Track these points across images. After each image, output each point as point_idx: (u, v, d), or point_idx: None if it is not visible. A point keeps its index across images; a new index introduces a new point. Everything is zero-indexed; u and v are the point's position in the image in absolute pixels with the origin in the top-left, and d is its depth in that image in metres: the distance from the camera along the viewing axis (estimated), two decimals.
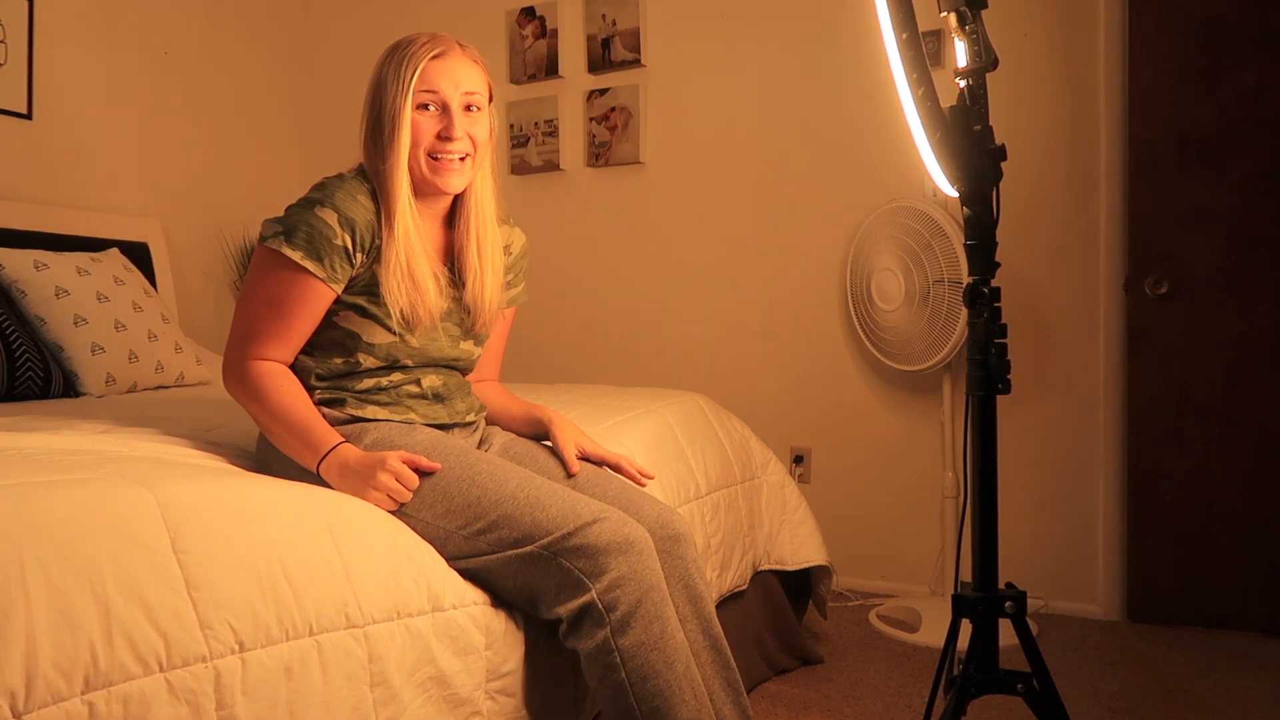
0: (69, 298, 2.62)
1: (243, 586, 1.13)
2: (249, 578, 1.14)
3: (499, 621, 1.41)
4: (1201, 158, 2.78)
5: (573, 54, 3.69)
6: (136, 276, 2.94)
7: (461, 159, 1.55)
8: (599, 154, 3.64)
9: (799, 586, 2.54)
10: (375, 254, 1.51)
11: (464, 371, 1.70)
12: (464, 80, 1.54)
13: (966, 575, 1.55)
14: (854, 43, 3.14)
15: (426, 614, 1.32)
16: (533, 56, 3.74)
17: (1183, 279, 2.80)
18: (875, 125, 3.12)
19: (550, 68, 3.72)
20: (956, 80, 1.50)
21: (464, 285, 1.62)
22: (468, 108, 1.55)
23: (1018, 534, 2.95)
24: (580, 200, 3.72)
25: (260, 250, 1.50)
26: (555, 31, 3.71)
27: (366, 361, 1.54)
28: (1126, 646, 2.65)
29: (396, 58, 1.52)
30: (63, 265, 2.68)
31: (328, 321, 1.54)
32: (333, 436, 1.47)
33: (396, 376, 1.57)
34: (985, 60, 1.47)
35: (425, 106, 1.52)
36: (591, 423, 2.02)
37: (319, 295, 1.49)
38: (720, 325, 3.47)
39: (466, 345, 1.65)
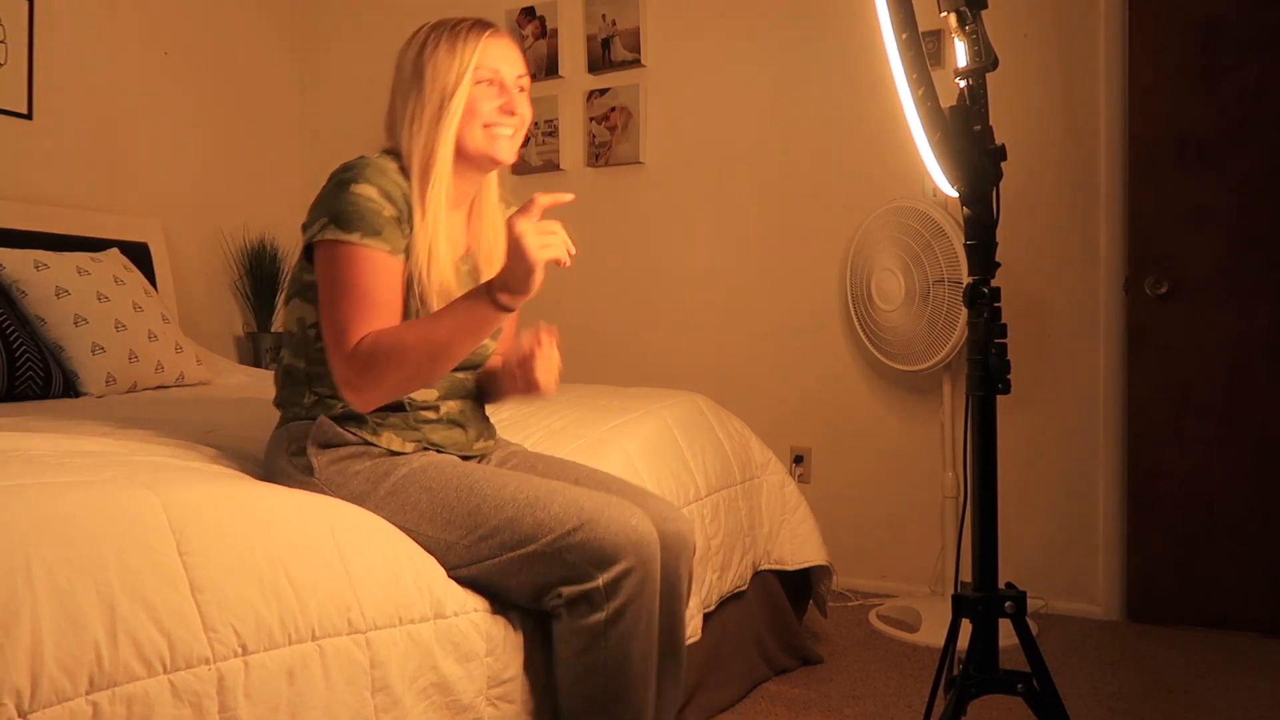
0: (69, 298, 2.62)
1: (246, 589, 1.13)
2: (253, 581, 1.14)
3: (500, 628, 1.41)
4: (1201, 158, 2.78)
5: (573, 54, 3.69)
6: (136, 276, 2.95)
7: (513, 132, 1.57)
8: (599, 154, 3.65)
9: (799, 586, 2.54)
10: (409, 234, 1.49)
11: (476, 368, 1.67)
12: (517, 62, 1.57)
13: (966, 575, 1.55)
14: (854, 43, 3.14)
15: (429, 620, 1.33)
16: (533, 56, 3.74)
17: (1183, 279, 2.80)
18: (875, 125, 3.12)
19: (550, 68, 3.72)
20: (956, 80, 1.50)
21: (480, 276, 1.60)
22: (519, 89, 1.57)
23: (1018, 534, 2.95)
24: (580, 200, 3.67)
25: (318, 252, 1.45)
26: (555, 31, 3.71)
27: None
28: (1126, 646, 2.65)
29: (449, 36, 1.52)
30: (63, 265, 2.68)
31: None
32: (474, 292, 1.38)
33: (417, 395, 1.54)
34: (985, 60, 1.47)
35: (482, 82, 1.52)
36: (591, 424, 2.02)
37: (389, 268, 1.44)
38: (720, 325, 3.48)
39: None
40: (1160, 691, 2.30)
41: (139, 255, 3.24)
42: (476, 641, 1.37)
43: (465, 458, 1.60)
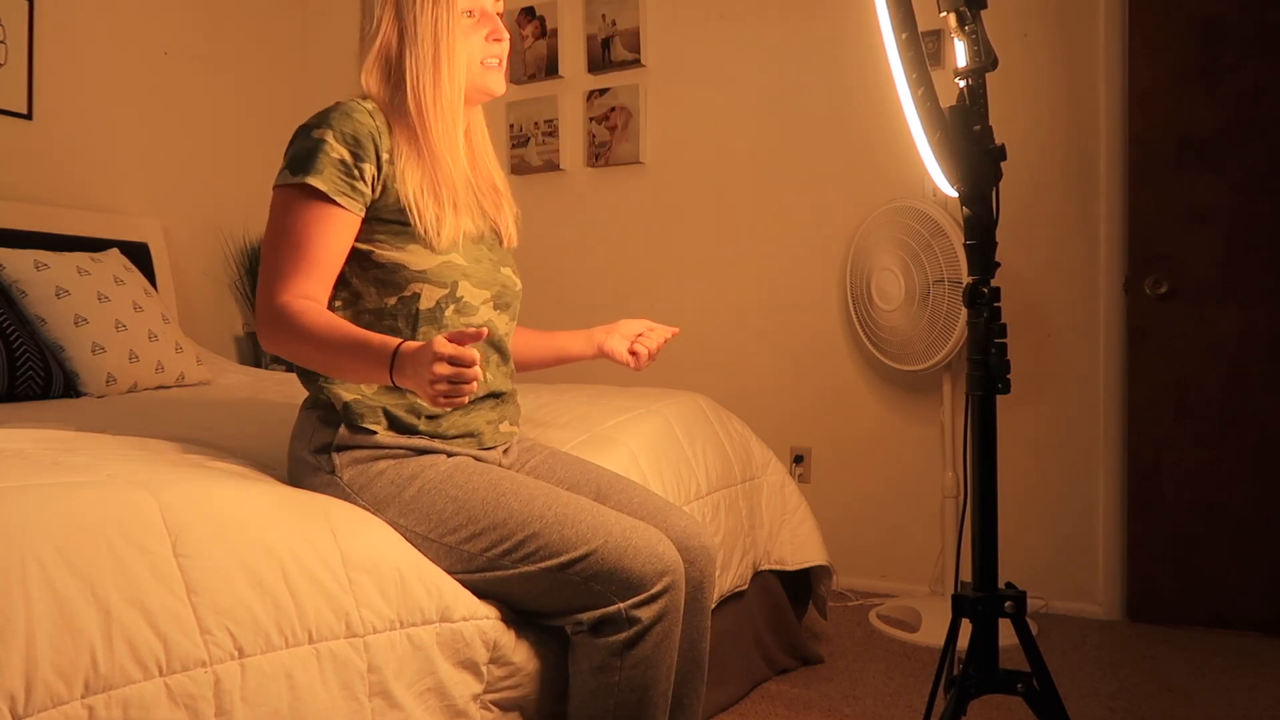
0: (69, 298, 2.62)
1: (243, 592, 1.13)
2: (249, 583, 1.14)
3: (508, 638, 1.40)
4: (1201, 158, 2.78)
5: (573, 54, 3.69)
6: (136, 276, 2.94)
7: (499, 61, 1.56)
8: (599, 154, 3.64)
9: (799, 586, 2.54)
10: (392, 172, 1.46)
11: (510, 308, 1.63)
12: None
13: (966, 575, 1.55)
14: (854, 43, 3.14)
15: (433, 624, 1.32)
16: (533, 56, 3.74)
17: (1182, 279, 2.80)
18: (875, 125, 3.11)
19: (550, 68, 3.72)
20: (956, 80, 1.50)
21: (481, 208, 1.59)
22: (497, 13, 1.57)
23: (1018, 534, 2.95)
24: (580, 200, 3.72)
25: (274, 193, 1.45)
26: (555, 31, 3.71)
27: (426, 295, 1.47)
28: (1126, 646, 2.65)
29: None
30: (63, 265, 2.68)
31: (369, 262, 1.46)
32: (392, 340, 1.32)
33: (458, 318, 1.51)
34: (985, 60, 1.47)
35: (464, 13, 1.51)
36: (594, 421, 2.02)
37: (331, 217, 1.41)
38: (720, 325, 3.47)
39: (506, 271, 1.60)
40: (1160, 691, 2.30)
41: (139, 255, 3.24)
42: (479, 648, 1.36)
43: (486, 448, 1.56)
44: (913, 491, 3.14)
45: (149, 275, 3.28)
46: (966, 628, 1.50)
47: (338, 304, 1.48)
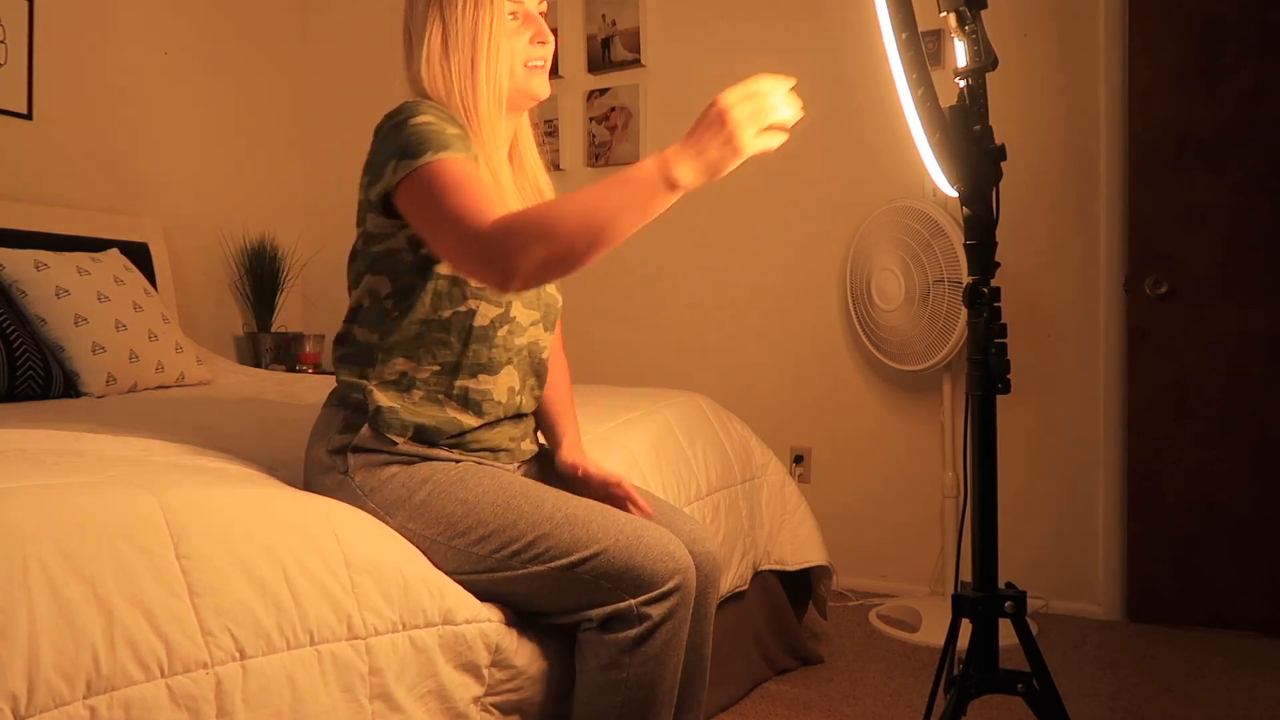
0: (69, 298, 2.62)
1: (245, 593, 1.13)
2: (251, 585, 1.14)
3: (510, 640, 1.40)
4: (1201, 158, 2.78)
5: (573, 54, 3.69)
6: (136, 276, 2.94)
7: (543, 64, 1.52)
8: (599, 154, 3.64)
9: (799, 586, 2.54)
10: None
11: (553, 326, 1.59)
12: None
13: (966, 575, 1.55)
14: (854, 43, 3.14)
15: (435, 626, 1.31)
16: None
17: (1182, 279, 2.80)
18: (875, 125, 3.11)
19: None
20: (956, 80, 1.50)
21: None
22: (541, 14, 1.52)
23: (1018, 534, 2.95)
24: None
25: (400, 193, 1.34)
26: (555, 31, 3.70)
27: (481, 311, 1.43)
28: (1126, 646, 2.65)
29: None
30: (63, 265, 2.68)
31: (432, 273, 1.41)
32: (649, 159, 1.19)
33: (501, 338, 1.46)
34: (985, 60, 1.47)
35: (508, 15, 1.46)
36: (593, 423, 2.02)
37: (477, 170, 1.35)
38: (720, 325, 3.47)
39: (550, 289, 1.57)
40: (1160, 691, 2.30)
41: (139, 255, 3.24)
42: (481, 651, 1.36)
43: (502, 451, 1.54)
44: (913, 491, 3.14)
45: (149, 275, 3.28)
46: (966, 628, 1.50)
47: (389, 306, 1.44)
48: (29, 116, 3.15)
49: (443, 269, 1.42)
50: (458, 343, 1.44)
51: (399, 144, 1.34)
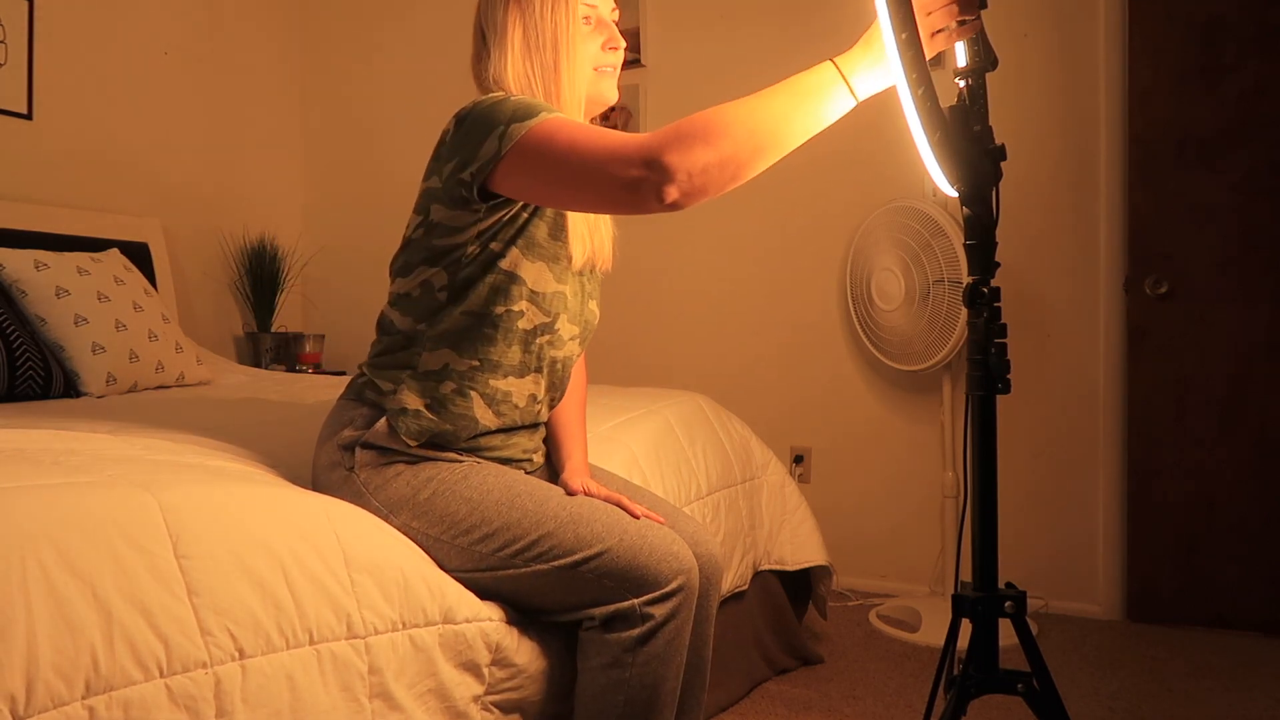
0: (69, 298, 2.62)
1: (243, 593, 1.12)
2: (250, 584, 1.13)
3: (511, 639, 1.40)
4: (1201, 158, 2.78)
5: None
6: (136, 276, 2.94)
7: (614, 69, 1.51)
8: None
9: (799, 586, 2.54)
10: None
11: (582, 340, 1.58)
12: None
13: (966, 575, 1.55)
14: (854, 43, 3.13)
15: (435, 625, 1.31)
16: None
17: (1182, 278, 2.80)
18: (875, 125, 3.11)
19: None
20: (956, 80, 1.50)
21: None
22: (614, 21, 1.52)
23: (1018, 534, 2.95)
24: None
25: (510, 157, 1.28)
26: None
27: (529, 315, 1.43)
28: (1126, 646, 2.65)
29: None
30: (63, 265, 2.68)
31: (494, 267, 1.40)
32: (813, 70, 1.17)
33: (536, 347, 1.46)
34: (985, 60, 1.47)
35: (583, 20, 1.46)
36: (594, 423, 2.02)
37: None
38: (720, 325, 3.47)
39: (592, 305, 1.57)
40: (1160, 691, 2.30)
41: (139, 255, 3.25)
42: (481, 650, 1.36)
43: (515, 462, 1.54)
44: (913, 491, 3.14)
45: (149, 275, 3.28)
46: (966, 628, 1.50)
47: (443, 299, 1.42)
48: (29, 116, 3.15)
49: (505, 264, 1.40)
50: (501, 340, 1.44)
51: (504, 114, 1.29)
